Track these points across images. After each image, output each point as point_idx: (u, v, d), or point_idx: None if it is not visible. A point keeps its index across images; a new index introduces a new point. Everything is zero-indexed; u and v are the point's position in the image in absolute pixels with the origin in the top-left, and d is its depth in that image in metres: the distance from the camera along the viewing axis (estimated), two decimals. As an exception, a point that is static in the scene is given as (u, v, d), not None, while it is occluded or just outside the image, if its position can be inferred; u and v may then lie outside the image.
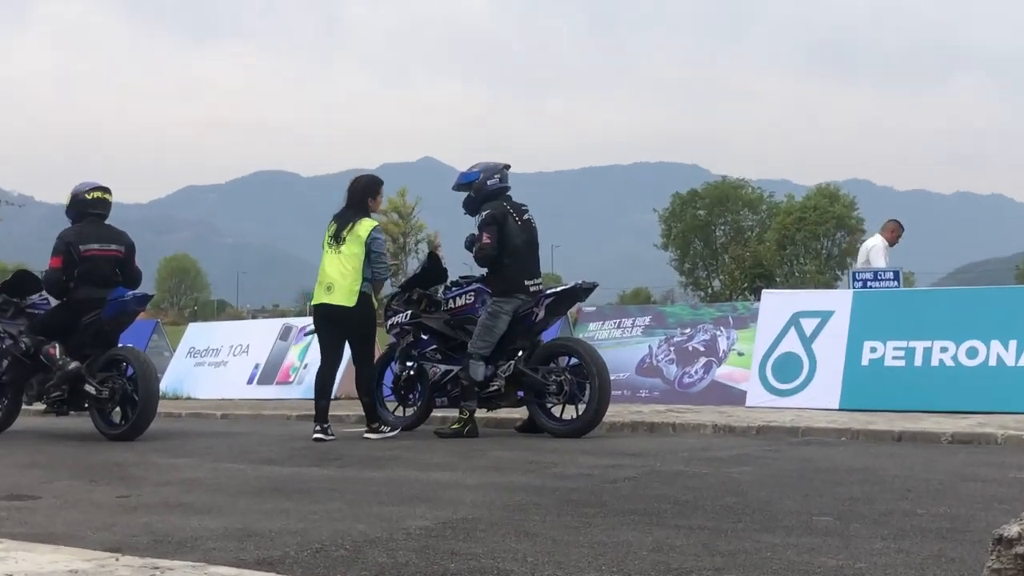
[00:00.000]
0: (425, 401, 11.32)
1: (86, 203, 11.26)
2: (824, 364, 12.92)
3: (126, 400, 10.80)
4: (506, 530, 5.59)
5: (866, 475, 7.67)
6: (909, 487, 7.04)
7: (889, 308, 13.42)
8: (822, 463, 8.42)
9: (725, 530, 5.54)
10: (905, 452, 9.27)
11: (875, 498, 6.58)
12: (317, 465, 8.54)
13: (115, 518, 6.09)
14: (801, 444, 9.92)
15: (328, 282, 11.04)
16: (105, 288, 11.02)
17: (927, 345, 12.50)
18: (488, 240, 10.63)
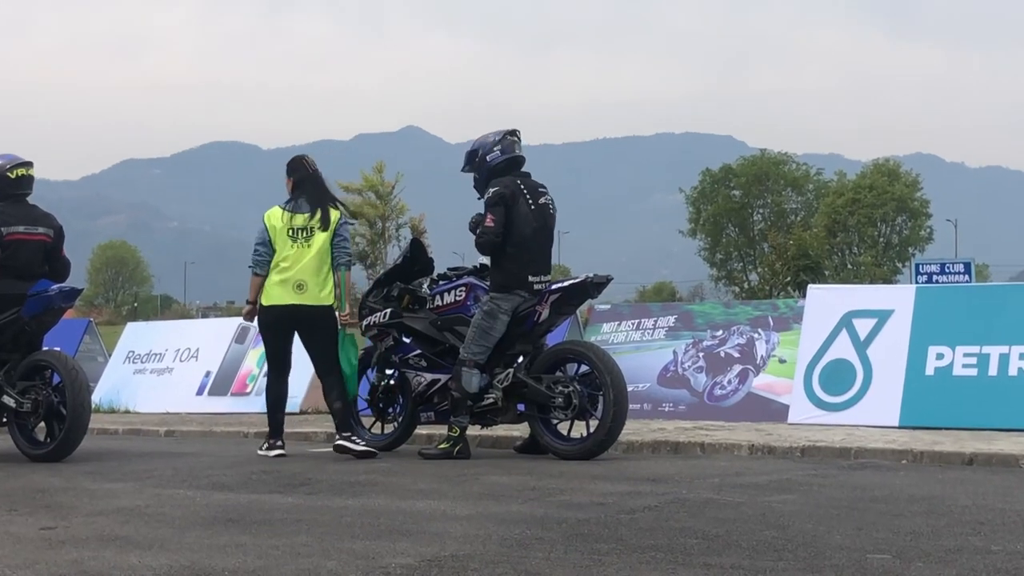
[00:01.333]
0: (407, 416, 11.33)
1: (8, 182, 11.23)
2: (881, 373, 12.91)
3: (52, 414, 10.78)
4: (503, 569, 5.60)
5: (930, 505, 7.67)
6: (982, 520, 7.04)
7: (959, 307, 13.42)
8: (878, 491, 8.42)
9: (763, 570, 5.55)
10: (977, 478, 9.27)
11: (941, 533, 6.58)
12: (280, 492, 8.54)
13: (39, 554, 6.10)
14: (853, 468, 9.93)
15: (298, 280, 11.21)
16: (27, 281, 10.99)
17: (1004, 351, 12.48)
18: (492, 223, 10.54)
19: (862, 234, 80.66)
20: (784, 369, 13.77)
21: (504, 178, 10.63)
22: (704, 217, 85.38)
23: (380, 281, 11.99)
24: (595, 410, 10.32)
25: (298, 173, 11.77)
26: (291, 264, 11.21)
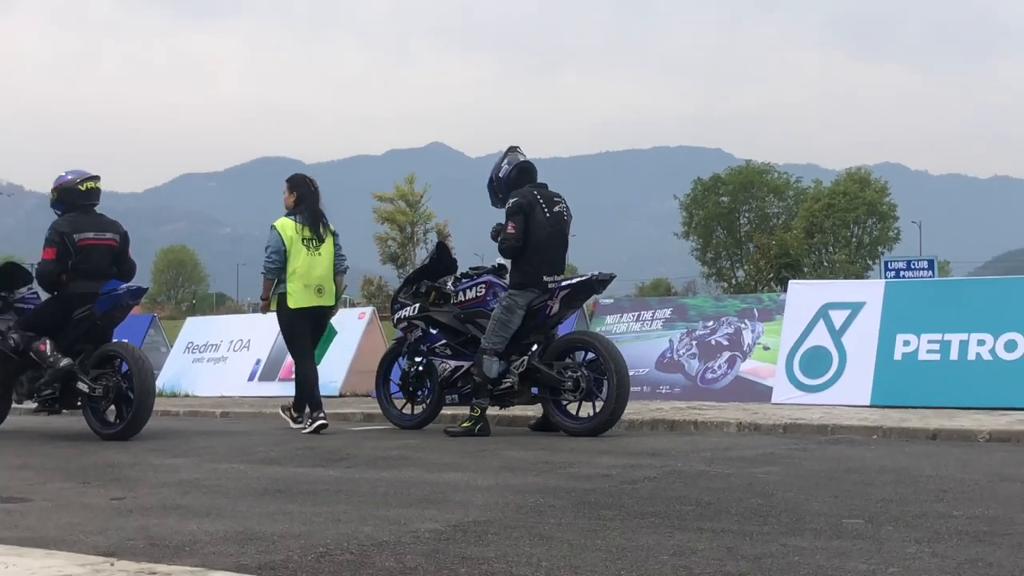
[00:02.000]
0: (434, 398, 11.33)
1: (78, 194, 11.27)
2: (854, 358, 12.91)
3: (121, 398, 10.82)
4: (520, 533, 5.59)
5: (899, 475, 7.67)
6: (944, 488, 7.03)
7: (923, 299, 13.41)
8: (852, 463, 8.41)
9: (750, 533, 5.54)
10: (940, 451, 9.25)
11: (908, 500, 6.57)
12: (322, 466, 8.55)
13: (109, 521, 6.11)
14: (830, 443, 9.91)
15: (317, 284, 11.70)
16: (99, 281, 11.04)
17: (963, 338, 12.48)
18: (513, 230, 10.57)
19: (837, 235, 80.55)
20: (768, 355, 13.76)
21: (522, 189, 10.67)
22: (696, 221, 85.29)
23: (409, 279, 12.02)
24: (600, 392, 10.32)
25: (300, 189, 12.05)
26: (308, 270, 11.57)
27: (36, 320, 11.25)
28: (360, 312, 18.14)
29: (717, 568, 4.78)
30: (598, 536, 5.51)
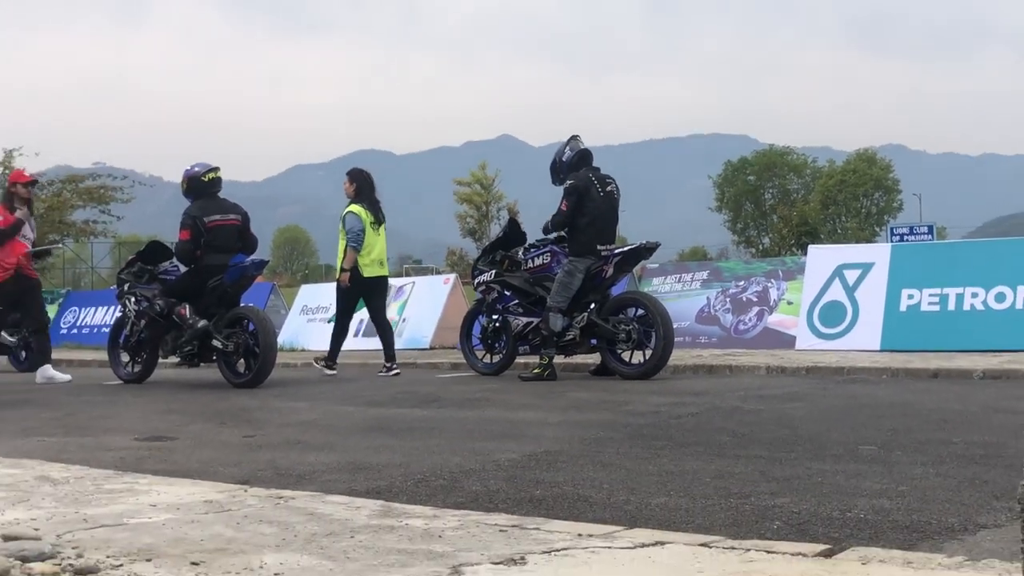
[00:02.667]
0: (509, 349, 11.37)
1: (203, 184, 11.47)
2: (866, 310, 12.82)
3: (248, 353, 10.95)
4: (584, 461, 5.61)
5: (905, 409, 7.61)
6: (945, 419, 6.97)
7: (924, 259, 13.29)
8: (865, 399, 8.36)
9: (779, 459, 5.53)
10: (941, 388, 9.17)
11: (914, 429, 6.53)
12: (417, 407, 8.61)
13: (242, 455, 6.20)
14: (846, 382, 9.85)
15: (381, 258, 12.66)
16: (227, 255, 11.20)
17: (959, 291, 12.37)
18: (564, 208, 10.63)
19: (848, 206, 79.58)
20: (791, 309, 13.67)
21: (579, 172, 10.70)
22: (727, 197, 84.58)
23: (486, 250, 12.05)
24: (649, 342, 10.32)
25: (359, 181, 12.73)
26: (374, 247, 12.36)
27: (177, 289, 11.41)
28: (445, 278, 18.21)
29: (752, 489, 4.77)
30: (650, 463, 5.51)
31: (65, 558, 3.66)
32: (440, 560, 3.51)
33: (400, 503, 4.53)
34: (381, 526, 4.05)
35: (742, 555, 3.47)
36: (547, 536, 3.82)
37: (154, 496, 4.75)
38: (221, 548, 3.77)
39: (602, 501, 4.61)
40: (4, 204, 12.44)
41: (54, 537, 3.97)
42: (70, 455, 6.25)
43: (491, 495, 4.77)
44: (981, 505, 4.34)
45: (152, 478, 5.26)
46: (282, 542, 3.83)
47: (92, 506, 4.55)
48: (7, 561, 3.50)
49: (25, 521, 4.28)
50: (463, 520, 4.12)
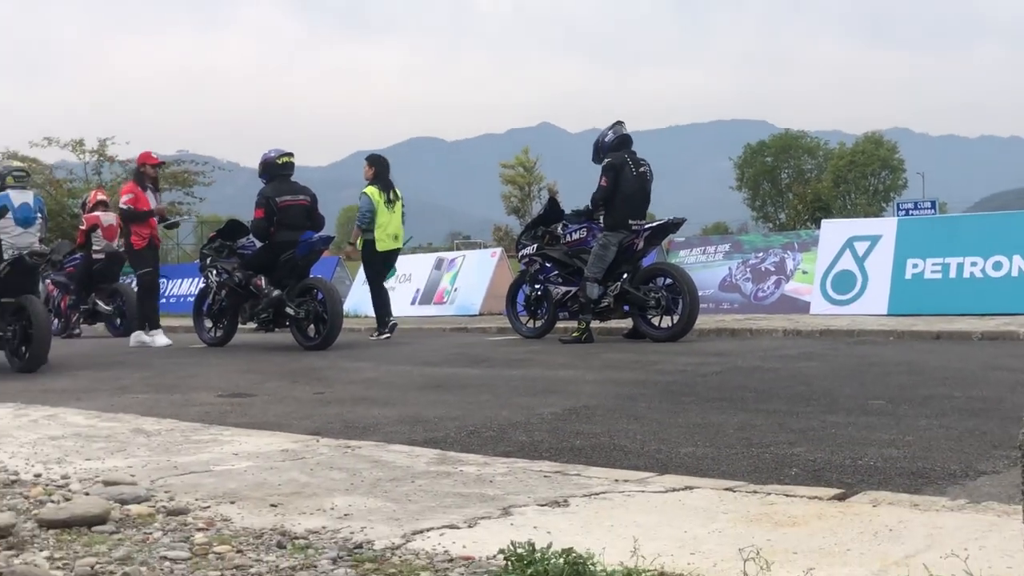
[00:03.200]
0: (550, 315, 11.37)
1: (277, 167, 11.53)
2: (874, 278, 12.73)
3: (318, 319, 11.03)
4: (618, 414, 5.62)
5: (911, 367, 7.56)
6: (947, 376, 6.92)
7: (927, 231, 13.16)
8: (874, 358, 8.30)
9: (796, 412, 5.51)
10: (943, 348, 9.10)
11: (919, 385, 6.49)
12: (468, 366, 8.64)
13: (313, 410, 6.26)
14: (856, 343, 9.79)
15: (395, 232, 12.87)
16: (297, 231, 11.27)
17: (960, 261, 12.26)
18: (604, 184, 10.57)
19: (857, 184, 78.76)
20: (806, 278, 13.58)
21: (617, 153, 10.67)
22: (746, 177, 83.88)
23: (529, 226, 12.04)
24: (676, 308, 10.28)
25: (377, 166, 12.97)
26: (389, 223, 12.63)
27: (253, 262, 11.50)
28: (492, 252, 18.21)
29: (771, 439, 4.76)
30: (678, 416, 5.52)
31: (158, 501, 3.72)
32: (492, 502, 3.54)
33: (455, 452, 4.57)
34: (438, 472, 4.09)
35: (763, 498, 3.47)
36: (587, 481, 3.84)
37: (236, 446, 4.81)
38: (296, 492, 3.81)
39: (635, 450, 4.62)
40: (135, 182, 12.78)
41: (148, 483, 4.03)
42: (161, 410, 6.35)
43: (536, 445, 4.80)
44: (981, 454, 4.31)
45: (234, 430, 5.33)
46: (350, 486, 3.87)
47: (181, 455, 4.62)
48: (107, 504, 3.56)
49: (123, 468, 4.35)
50: (511, 467, 4.14)
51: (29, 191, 10.18)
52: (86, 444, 4.98)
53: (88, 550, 3.10)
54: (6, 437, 5.26)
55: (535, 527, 3.13)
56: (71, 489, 3.96)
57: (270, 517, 3.43)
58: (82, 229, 15.04)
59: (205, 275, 12.15)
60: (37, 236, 9.86)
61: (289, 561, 2.91)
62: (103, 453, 4.72)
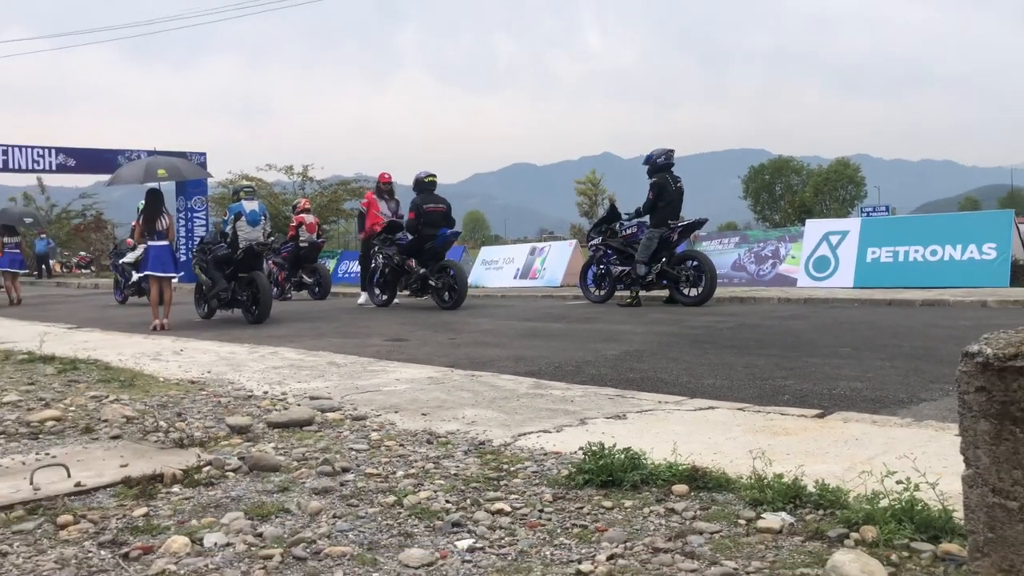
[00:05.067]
0: (610, 287, 11.27)
1: (424, 183, 11.59)
2: (843, 262, 12.38)
3: (450, 288, 11.09)
4: (659, 356, 5.58)
5: (870, 325, 7.35)
6: (896, 332, 6.72)
7: (883, 228, 12.78)
8: (843, 318, 8.09)
9: (787, 355, 5.41)
10: (894, 311, 8.83)
11: (876, 338, 6.31)
12: (554, 322, 8.65)
13: (449, 350, 6.33)
14: (830, 308, 9.54)
15: None
16: (437, 228, 11.33)
17: (906, 249, 11.89)
18: (650, 197, 10.47)
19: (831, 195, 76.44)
20: (794, 261, 13.23)
21: (661, 174, 10.52)
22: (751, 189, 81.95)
23: (595, 224, 11.94)
24: (701, 282, 10.14)
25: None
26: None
27: (407, 249, 11.59)
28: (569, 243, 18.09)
29: (770, 375, 4.68)
30: (703, 357, 5.45)
31: (346, 411, 3.81)
32: (572, 415, 3.55)
33: (546, 380, 4.59)
34: (535, 394, 4.11)
35: (765, 415, 3.42)
36: (639, 402, 3.83)
37: (397, 374, 4.89)
38: (438, 405, 3.87)
39: (672, 381, 4.59)
40: (376, 194, 12.94)
41: (339, 398, 4.13)
42: (347, 349, 6.49)
43: (602, 376, 4.79)
44: (922, 387, 4.19)
45: (396, 363, 5.42)
46: (475, 402, 3.92)
47: (361, 380, 4.72)
48: (312, 412, 3.66)
49: (321, 388, 4.46)
50: (585, 391, 4.15)
51: (256, 200, 10.43)
52: (297, 372, 5.12)
53: (300, 443, 3.20)
54: (244, 367, 5.43)
55: (603, 432, 3.13)
56: (288, 402, 4.08)
57: (421, 422, 3.49)
58: (292, 226, 15.35)
59: (374, 258, 12.31)
60: (262, 232, 10.11)
61: (435, 452, 2.96)
62: (308, 378, 4.85)
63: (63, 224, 36.51)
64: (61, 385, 4.78)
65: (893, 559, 1.82)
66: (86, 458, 3.00)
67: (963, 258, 11.34)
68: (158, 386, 4.66)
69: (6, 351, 6.64)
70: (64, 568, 1.95)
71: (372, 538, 2.10)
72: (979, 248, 11.26)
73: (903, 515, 1.96)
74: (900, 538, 1.89)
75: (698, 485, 2.37)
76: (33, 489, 2.58)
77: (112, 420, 3.69)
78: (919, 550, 1.86)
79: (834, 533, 1.97)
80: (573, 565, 1.87)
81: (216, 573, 1.89)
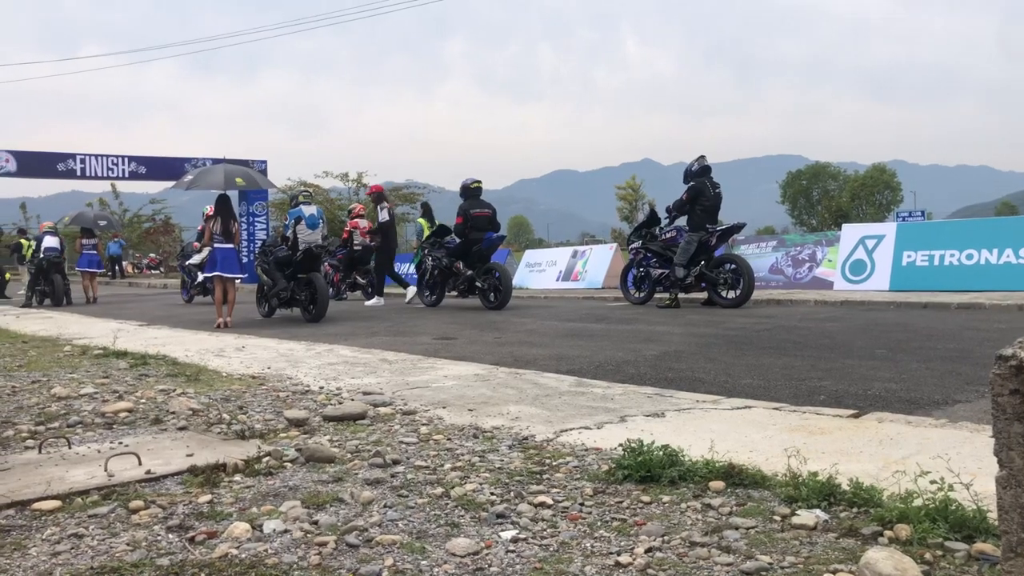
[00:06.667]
0: (650, 289, 11.19)
1: (471, 189, 11.62)
2: (879, 265, 12.12)
3: (496, 289, 11.10)
4: (698, 357, 5.53)
5: (906, 327, 7.19)
6: (932, 334, 6.56)
7: (918, 232, 12.47)
8: (879, 320, 7.93)
9: (823, 357, 5.32)
10: (929, 314, 8.62)
11: (911, 340, 6.17)
12: (595, 322, 8.62)
13: (494, 349, 6.34)
14: (866, 310, 9.35)
15: None
16: (483, 232, 11.35)
17: (942, 253, 11.59)
18: (683, 198, 10.35)
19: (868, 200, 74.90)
20: (831, 264, 12.99)
21: (700, 179, 10.42)
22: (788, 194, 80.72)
23: (635, 229, 11.86)
24: (739, 285, 10.01)
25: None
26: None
27: (454, 252, 11.64)
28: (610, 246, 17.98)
29: (806, 375, 4.61)
30: (740, 358, 5.39)
31: (397, 405, 3.84)
32: (612, 413, 3.54)
33: (587, 378, 4.58)
34: (576, 392, 4.10)
35: (801, 415, 3.37)
36: (677, 401, 3.80)
37: (445, 371, 4.92)
38: (484, 401, 3.89)
39: (710, 380, 4.54)
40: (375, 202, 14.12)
41: (390, 393, 4.17)
42: (397, 347, 6.55)
43: (641, 375, 4.76)
44: (957, 388, 4.09)
45: (444, 360, 5.45)
46: (519, 399, 3.93)
47: (411, 376, 4.76)
48: (365, 406, 3.70)
49: (373, 384, 4.51)
50: (625, 390, 4.13)
51: (313, 205, 10.59)
52: (351, 368, 5.18)
53: (353, 436, 3.24)
54: (301, 363, 5.52)
55: (642, 430, 3.12)
56: (342, 396, 4.14)
57: (468, 417, 3.51)
58: (346, 230, 15.53)
59: (424, 261, 12.40)
60: (320, 235, 10.25)
61: (481, 446, 2.98)
62: (361, 374, 4.90)
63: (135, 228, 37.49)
64: (133, 379, 4.92)
65: (927, 557, 1.79)
66: (155, 447, 3.08)
67: (999, 262, 11.03)
68: (221, 381, 4.76)
69: (84, 346, 6.84)
70: (136, 550, 2.01)
71: (420, 527, 2.12)
72: (1015, 252, 10.94)
73: (937, 514, 1.91)
74: (934, 537, 1.86)
75: (734, 482, 2.35)
76: (108, 476, 2.66)
77: (179, 412, 3.78)
78: (953, 549, 1.82)
79: (868, 531, 1.94)
80: (612, 557, 1.87)
81: (275, 558, 1.93)
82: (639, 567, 1.81)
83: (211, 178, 10.13)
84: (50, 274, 15.45)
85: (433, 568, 1.84)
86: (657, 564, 1.82)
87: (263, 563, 1.89)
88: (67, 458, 2.95)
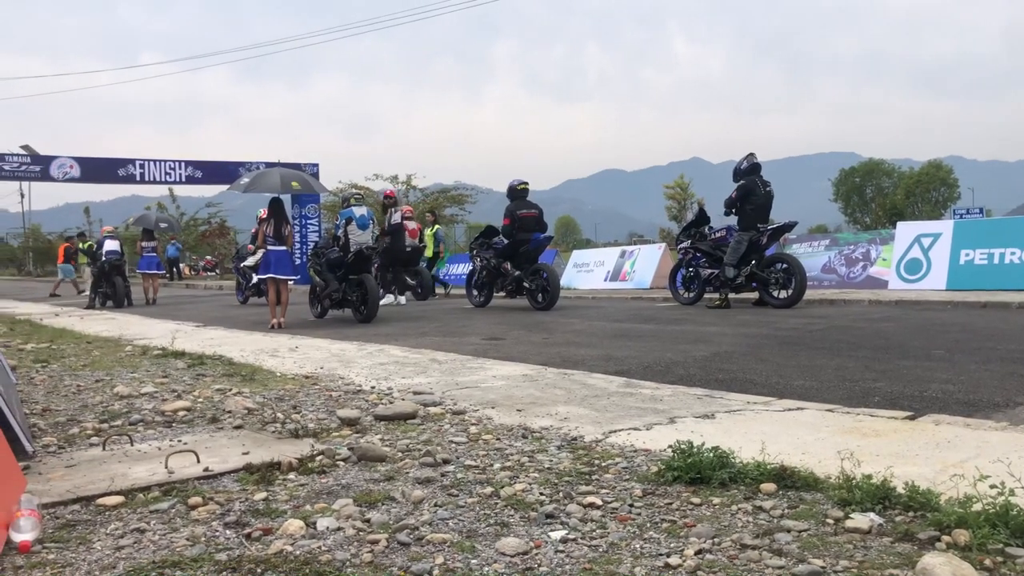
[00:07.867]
0: (700, 289, 11.07)
1: (518, 190, 11.62)
2: (936, 264, 11.80)
3: (543, 290, 11.08)
4: (749, 357, 5.45)
5: (963, 327, 6.99)
6: (991, 334, 6.37)
7: (977, 230, 12.12)
8: (936, 320, 7.72)
9: (878, 358, 5.20)
10: (988, 314, 8.36)
11: (970, 340, 6.00)
12: (643, 323, 8.56)
13: (542, 349, 6.35)
14: (923, 310, 9.11)
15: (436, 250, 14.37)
16: (530, 233, 11.35)
17: (1001, 251, 11.24)
18: (733, 195, 10.20)
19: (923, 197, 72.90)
20: (885, 263, 12.69)
21: (749, 177, 10.27)
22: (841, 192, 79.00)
23: (684, 228, 11.73)
24: (790, 285, 9.84)
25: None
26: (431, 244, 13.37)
27: (502, 252, 11.66)
28: (659, 246, 17.82)
29: (859, 377, 4.52)
30: (792, 359, 5.30)
31: (446, 405, 3.87)
32: (661, 414, 3.51)
33: (636, 379, 4.55)
34: (625, 392, 4.08)
35: (854, 417, 3.30)
36: (727, 402, 3.75)
37: (494, 371, 4.94)
38: (533, 402, 3.90)
39: (761, 382, 4.48)
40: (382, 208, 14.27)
41: (440, 393, 4.21)
42: (447, 347, 6.59)
43: (691, 376, 4.72)
44: (1019, 390, 3.96)
45: (492, 361, 5.47)
46: (568, 399, 3.92)
47: (460, 376, 4.79)
48: (416, 406, 3.74)
49: (424, 384, 4.55)
50: (674, 391, 4.10)
51: (364, 207, 10.72)
52: (401, 368, 5.23)
53: (404, 435, 3.27)
54: (353, 363, 5.59)
55: (692, 431, 3.09)
56: (393, 396, 4.18)
57: (516, 418, 3.52)
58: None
59: (473, 261, 12.45)
60: (370, 236, 10.37)
61: (530, 446, 2.98)
62: (412, 374, 4.95)
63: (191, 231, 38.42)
64: (190, 378, 5.04)
65: (986, 564, 1.74)
66: (212, 445, 3.16)
67: (1064, 260, 10.66)
68: (275, 380, 4.85)
69: (143, 346, 7.04)
70: (195, 545, 2.06)
71: (470, 527, 2.13)
72: (1080, 249, 10.57)
73: (997, 519, 1.86)
74: (994, 543, 1.80)
75: (786, 484, 2.32)
76: (168, 472, 2.74)
77: (235, 411, 3.86)
78: (1014, 555, 1.77)
79: (924, 535, 1.90)
80: (662, 558, 1.86)
81: (328, 555, 1.96)
82: (689, 569, 1.80)
83: (268, 181, 10.33)
84: (111, 276, 15.92)
85: (483, 567, 1.85)
86: (707, 566, 1.81)
87: (317, 560, 1.93)
88: (129, 455, 3.04)
